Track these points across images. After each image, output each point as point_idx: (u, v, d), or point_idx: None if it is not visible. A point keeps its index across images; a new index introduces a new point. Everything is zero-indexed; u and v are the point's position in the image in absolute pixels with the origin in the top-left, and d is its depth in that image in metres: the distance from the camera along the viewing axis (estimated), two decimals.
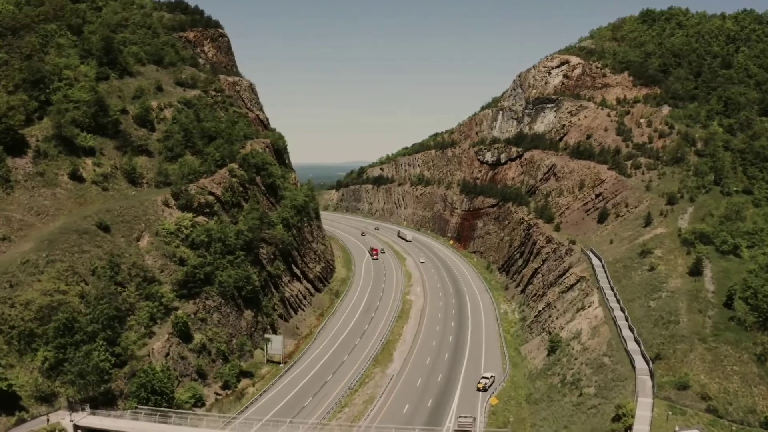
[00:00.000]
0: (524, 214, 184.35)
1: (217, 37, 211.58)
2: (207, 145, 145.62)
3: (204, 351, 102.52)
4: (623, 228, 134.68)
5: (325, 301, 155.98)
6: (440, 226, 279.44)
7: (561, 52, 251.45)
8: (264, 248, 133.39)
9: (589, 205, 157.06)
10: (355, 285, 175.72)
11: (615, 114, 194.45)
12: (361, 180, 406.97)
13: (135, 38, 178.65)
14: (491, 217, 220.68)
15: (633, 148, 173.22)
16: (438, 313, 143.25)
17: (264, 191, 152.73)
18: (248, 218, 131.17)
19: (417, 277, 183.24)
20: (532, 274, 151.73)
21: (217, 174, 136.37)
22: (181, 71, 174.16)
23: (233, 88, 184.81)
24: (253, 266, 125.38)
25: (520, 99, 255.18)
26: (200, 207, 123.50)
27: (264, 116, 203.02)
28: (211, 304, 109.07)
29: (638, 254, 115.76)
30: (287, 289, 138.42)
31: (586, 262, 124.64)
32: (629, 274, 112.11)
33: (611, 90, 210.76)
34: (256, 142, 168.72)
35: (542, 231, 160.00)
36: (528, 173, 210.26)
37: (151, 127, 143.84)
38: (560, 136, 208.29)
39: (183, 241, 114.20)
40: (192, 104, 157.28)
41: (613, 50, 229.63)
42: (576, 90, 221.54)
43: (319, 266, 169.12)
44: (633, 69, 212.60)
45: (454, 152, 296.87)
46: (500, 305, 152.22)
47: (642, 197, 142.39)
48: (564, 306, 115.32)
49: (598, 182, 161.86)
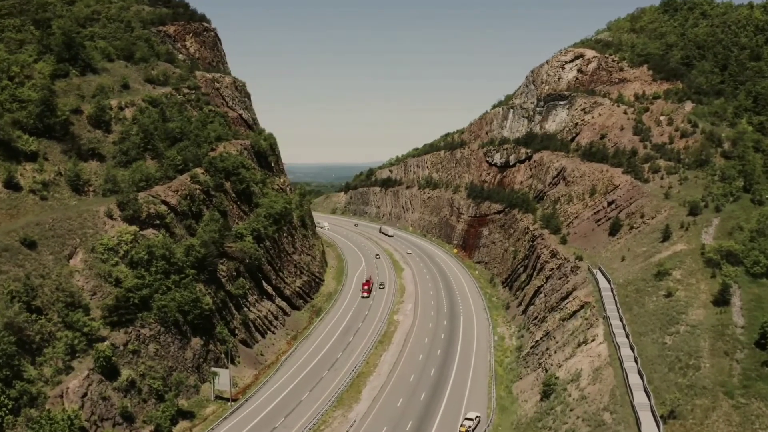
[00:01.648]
0: (530, 222, 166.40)
1: (201, 32, 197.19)
2: (169, 147, 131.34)
3: (133, 389, 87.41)
4: (637, 242, 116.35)
5: (302, 321, 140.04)
6: (446, 232, 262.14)
7: (576, 46, 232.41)
8: (224, 264, 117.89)
9: (600, 215, 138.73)
10: (341, 300, 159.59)
11: (632, 111, 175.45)
12: (369, 182, 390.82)
13: (104, 33, 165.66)
14: (497, 224, 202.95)
15: (651, 149, 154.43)
16: (425, 337, 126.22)
17: (234, 198, 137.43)
18: (206, 230, 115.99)
19: (410, 292, 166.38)
20: (534, 292, 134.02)
21: (176, 180, 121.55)
22: (153, 67, 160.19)
23: (212, 86, 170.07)
24: (208, 286, 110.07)
25: (533, 96, 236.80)
26: (149, 218, 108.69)
27: (249, 115, 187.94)
28: (147, 333, 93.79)
29: (653, 276, 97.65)
30: (253, 310, 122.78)
31: (592, 284, 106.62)
32: (642, 300, 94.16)
33: (629, 85, 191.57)
34: (231, 143, 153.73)
35: (547, 243, 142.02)
36: (537, 177, 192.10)
37: (107, 128, 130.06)
38: (572, 136, 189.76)
39: (123, 259, 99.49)
40: (158, 103, 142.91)
41: (631, 42, 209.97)
42: (591, 86, 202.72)
43: (301, 280, 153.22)
44: (653, 62, 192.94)
45: (463, 153, 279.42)
46: (498, 327, 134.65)
47: (660, 206, 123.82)
48: (564, 337, 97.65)
49: (610, 188, 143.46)
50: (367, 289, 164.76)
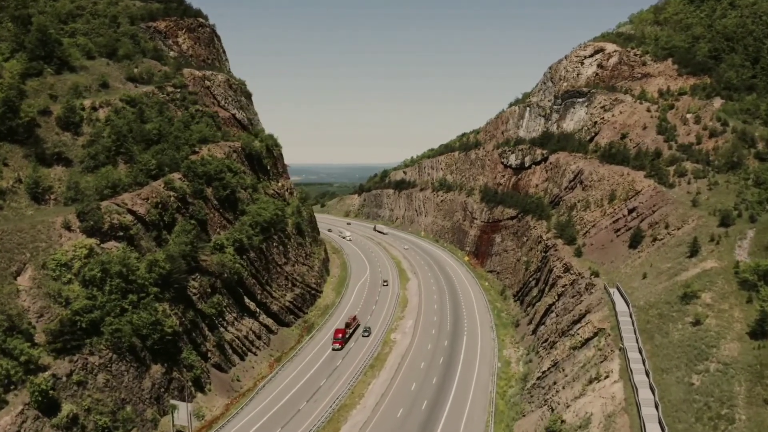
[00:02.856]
0: (543, 231, 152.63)
1: (195, 27, 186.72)
2: (145, 151, 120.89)
3: (75, 426, 76.58)
4: (661, 257, 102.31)
5: (290, 339, 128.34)
6: (459, 238, 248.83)
7: (596, 40, 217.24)
8: (197, 280, 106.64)
9: (619, 223, 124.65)
10: (337, 315, 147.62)
11: (656, 108, 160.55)
12: (383, 184, 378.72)
13: (86, 29, 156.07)
14: (510, 231, 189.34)
15: (677, 149, 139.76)
16: (422, 361, 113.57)
17: (216, 206, 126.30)
18: (177, 243, 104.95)
19: (413, 306, 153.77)
20: (545, 310, 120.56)
21: (147, 187, 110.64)
22: (137, 65, 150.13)
23: (201, 84, 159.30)
24: (175, 305, 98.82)
25: (550, 94, 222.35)
26: (112, 230, 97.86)
27: (245, 115, 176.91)
28: (96, 362, 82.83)
29: (679, 298, 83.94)
30: (231, 329, 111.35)
31: (608, 306, 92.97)
32: (666, 328, 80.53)
33: (652, 80, 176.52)
34: (218, 145, 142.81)
35: (560, 255, 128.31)
36: (552, 180, 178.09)
37: (76, 130, 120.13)
38: (591, 136, 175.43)
39: (77, 276, 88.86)
40: (137, 102, 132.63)
41: (654, 35, 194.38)
42: (611, 81, 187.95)
43: (292, 294, 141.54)
44: (678, 56, 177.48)
45: (478, 154, 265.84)
46: (504, 349, 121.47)
47: (687, 215, 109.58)
48: (574, 370, 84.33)
49: (631, 194, 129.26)
50: (341, 339, 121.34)
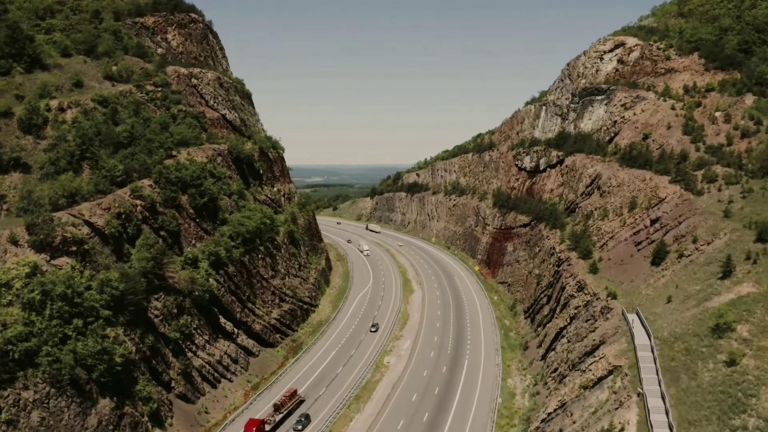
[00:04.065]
0: (556, 241, 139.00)
1: (187, 23, 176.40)
2: (113, 155, 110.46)
3: None
4: (688, 277, 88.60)
5: (273, 362, 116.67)
6: (471, 245, 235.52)
7: (616, 34, 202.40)
8: (160, 300, 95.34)
9: (640, 236, 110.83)
10: (330, 332, 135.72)
11: (681, 106, 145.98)
12: (396, 187, 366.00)
13: (64, 25, 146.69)
14: (522, 239, 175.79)
15: (705, 151, 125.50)
16: (414, 392, 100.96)
17: (192, 215, 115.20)
18: (138, 259, 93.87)
19: (413, 324, 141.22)
20: (556, 335, 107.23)
21: (110, 196, 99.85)
22: (116, 62, 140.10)
23: (187, 82, 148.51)
24: (131, 329, 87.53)
25: (567, 92, 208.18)
26: (65, 244, 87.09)
27: (237, 116, 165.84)
28: (31, 397, 71.71)
29: (710, 330, 70.56)
30: (201, 354, 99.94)
31: (626, 337, 79.62)
32: (694, 368, 67.22)
33: (677, 76, 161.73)
34: (201, 149, 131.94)
35: (574, 271, 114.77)
36: (568, 184, 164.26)
37: (38, 133, 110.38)
38: (610, 137, 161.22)
39: (19, 298, 78.35)
40: (109, 102, 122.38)
41: (679, 27, 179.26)
42: (632, 77, 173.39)
43: (280, 310, 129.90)
44: (705, 49, 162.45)
45: (492, 156, 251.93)
46: (510, 377, 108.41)
47: (718, 227, 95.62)
48: (584, 416, 71.22)
49: (654, 201, 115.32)
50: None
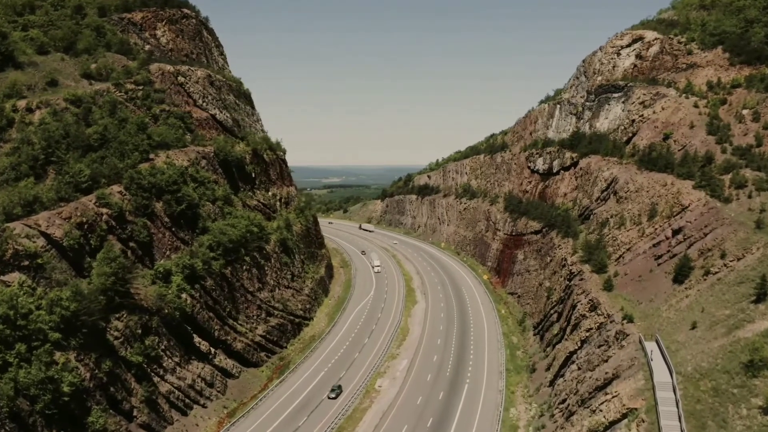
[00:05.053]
0: (568, 251, 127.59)
1: (178, 19, 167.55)
2: (81, 159, 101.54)
3: None
4: (716, 299, 77.23)
5: (255, 384, 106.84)
6: (481, 251, 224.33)
7: (634, 28, 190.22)
8: (122, 319, 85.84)
9: (661, 248, 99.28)
10: (321, 349, 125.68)
11: (705, 104, 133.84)
12: (406, 189, 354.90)
13: (44, 21, 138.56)
14: (533, 248, 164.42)
15: (733, 153, 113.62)
16: (404, 423, 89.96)
17: (167, 224, 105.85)
18: (98, 274, 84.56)
19: (413, 340, 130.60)
20: (566, 359, 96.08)
21: (73, 204, 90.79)
22: (96, 59, 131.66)
23: (172, 80, 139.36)
24: (86, 354, 78.02)
25: (583, 89, 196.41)
26: (16, 259, 78.23)
27: (228, 116, 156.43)
28: None
29: (743, 367, 59.46)
30: (170, 378, 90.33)
31: (643, 372, 68.47)
32: (724, 413, 56.15)
33: (699, 71, 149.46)
34: (182, 151, 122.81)
35: (587, 288, 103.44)
36: (582, 189, 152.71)
37: (1, 135, 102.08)
38: (628, 137, 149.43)
39: None
40: (82, 102, 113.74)
41: (701, 20, 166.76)
42: (652, 73, 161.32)
43: (266, 326, 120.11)
44: (729, 42, 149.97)
45: (504, 158, 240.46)
46: (513, 406, 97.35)
47: (749, 241, 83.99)
48: None
49: (677, 209, 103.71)
50: None
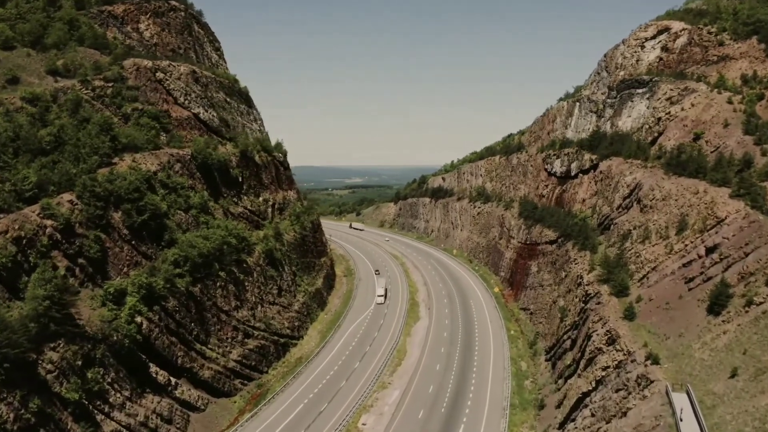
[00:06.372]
0: (584, 267, 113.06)
1: (164, 12, 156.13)
2: (30, 164, 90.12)
3: None
4: (762, 337, 62.68)
5: (224, 417, 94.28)
6: (494, 259, 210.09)
7: (659, 18, 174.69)
8: (58, 350, 73.72)
9: (693, 269, 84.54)
10: (306, 374, 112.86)
11: (740, 100, 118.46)
12: (420, 191, 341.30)
13: (11, 14, 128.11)
14: (548, 259, 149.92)
15: None
16: None
17: (126, 237, 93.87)
18: (30, 298, 72.75)
19: (409, 365, 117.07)
20: (578, 400, 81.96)
21: (12, 215, 79.16)
22: (65, 54, 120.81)
23: (149, 77, 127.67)
24: (10, 391, 65.84)
25: (604, 86, 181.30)
26: None
27: (214, 115, 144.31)
28: None
29: None
30: (117, 415, 77.82)
31: None
32: None
33: (733, 64, 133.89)
34: (153, 154, 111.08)
35: (604, 314, 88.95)
36: (602, 194, 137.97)
37: None
38: (653, 137, 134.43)
39: None
40: (39, 100, 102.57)
41: (733, 8, 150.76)
42: (679, 67, 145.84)
43: (243, 349, 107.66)
44: (765, 32, 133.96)
45: (520, 159, 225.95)
46: None
47: None
48: None
49: (711, 222, 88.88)
50: None
